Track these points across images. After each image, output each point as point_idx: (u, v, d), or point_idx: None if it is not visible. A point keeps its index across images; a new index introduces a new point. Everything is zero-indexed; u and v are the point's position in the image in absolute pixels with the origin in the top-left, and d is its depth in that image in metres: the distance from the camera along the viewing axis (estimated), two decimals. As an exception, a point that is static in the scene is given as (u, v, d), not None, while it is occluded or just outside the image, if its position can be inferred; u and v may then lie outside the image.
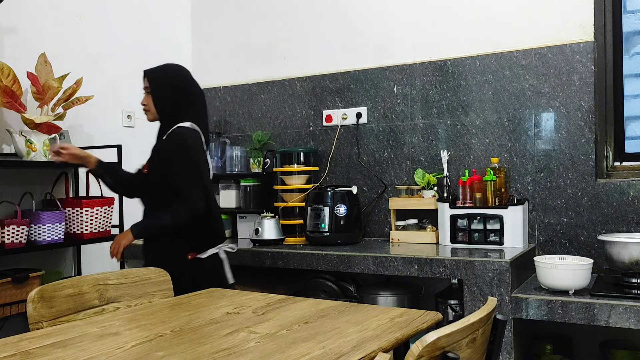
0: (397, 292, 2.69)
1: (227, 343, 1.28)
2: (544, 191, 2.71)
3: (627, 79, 2.68)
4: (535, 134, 2.73)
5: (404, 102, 3.04)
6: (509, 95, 2.79)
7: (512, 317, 2.19)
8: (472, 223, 2.62)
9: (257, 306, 1.65)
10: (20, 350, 1.25)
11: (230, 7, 3.59)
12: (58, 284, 1.63)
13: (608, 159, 2.67)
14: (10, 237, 2.38)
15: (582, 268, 2.14)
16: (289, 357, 1.17)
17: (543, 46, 2.72)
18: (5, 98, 2.41)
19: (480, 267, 2.25)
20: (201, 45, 3.68)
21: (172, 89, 2.31)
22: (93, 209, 2.67)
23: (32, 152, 2.47)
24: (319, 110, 3.28)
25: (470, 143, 2.87)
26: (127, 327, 1.45)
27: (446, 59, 2.94)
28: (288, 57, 3.39)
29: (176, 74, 2.36)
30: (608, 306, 2.03)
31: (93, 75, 2.96)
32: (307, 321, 1.46)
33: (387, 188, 3.07)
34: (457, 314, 2.48)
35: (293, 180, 3.07)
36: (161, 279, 1.90)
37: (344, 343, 1.26)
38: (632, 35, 2.68)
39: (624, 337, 2.49)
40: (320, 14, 3.29)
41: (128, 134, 3.22)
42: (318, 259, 2.60)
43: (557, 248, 2.67)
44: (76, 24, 2.96)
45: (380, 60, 3.11)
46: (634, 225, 2.53)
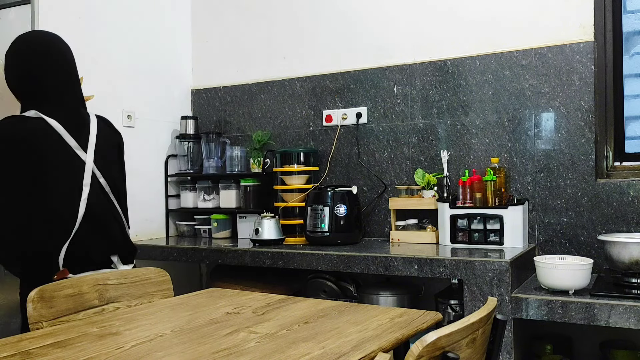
0: (397, 292, 2.70)
1: (227, 343, 1.28)
2: (544, 191, 2.71)
3: (627, 79, 2.68)
4: (535, 134, 2.73)
5: (404, 102, 3.04)
6: (509, 95, 2.79)
7: (512, 317, 2.19)
8: (472, 223, 2.62)
9: (257, 306, 1.65)
10: (20, 350, 1.25)
11: (230, 7, 3.59)
12: (58, 284, 1.63)
13: (608, 159, 2.67)
14: (10, 237, 2.37)
15: (582, 268, 2.14)
16: (289, 357, 1.17)
17: (543, 46, 2.72)
18: (5, 98, 2.41)
19: (480, 267, 2.25)
20: (201, 45, 3.68)
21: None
22: (93, 209, 2.67)
23: (32, 152, 2.46)
24: (319, 110, 3.28)
25: (470, 143, 2.87)
26: (127, 327, 1.45)
27: (446, 59, 2.94)
28: (288, 57, 3.39)
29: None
30: (608, 306, 2.03)
31: (93, 75, 2.96)
32: (307, 321, 1.46)
33: (387, 188, 3.07)
34: (457, 314, 2.48)
35: (293, 180, 3.07)
36: (161, 279, 1.90)
37: (344, 343, 1.26)
38: (632, 35, 2.68)
39: (624, 337, 2.49)
40: (320, 14, 3.29)
41: (128, 134, 3.22)
42: (318, 259, 2.60)
43: (557, 248, 2.67)
44: (76, 24, 2.96)
45: (380, 60, 3.11)
46: (634, 225, 2.53)
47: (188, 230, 3.46)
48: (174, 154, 3.50)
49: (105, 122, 2.03)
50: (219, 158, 3.40)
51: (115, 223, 1.92)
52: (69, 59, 1.96)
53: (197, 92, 3.67)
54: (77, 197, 1.79)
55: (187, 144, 3.45)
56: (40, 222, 1.75)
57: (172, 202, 3.49)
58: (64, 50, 1.94)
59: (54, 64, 1.89)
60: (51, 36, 1.94)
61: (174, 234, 3.50)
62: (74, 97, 1.95)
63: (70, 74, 1.95)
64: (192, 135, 3.46)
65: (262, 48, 3.47)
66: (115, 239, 1.91)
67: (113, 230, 1.90)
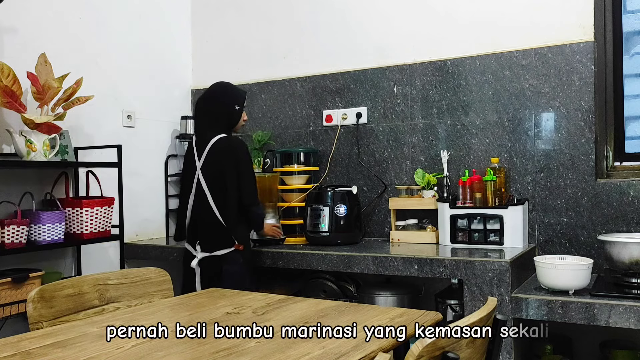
0: (397, 292, 2.69)
1: (227, 343, 1.28)
2: (544, 191, 2.71)
3: (627, 79, 2.68)
4: (535, 134, 2.73)
5: (404, 102, 3.04)
6: (509, 95, 2.79)
7: (512, 317, 2.19)
8: (472, 223, 2.62)
9: (257, 306, 1.65)
10: (20, 350, 1.25)
11: (230, 7, 3.59)
12: (58, 284, 1.63)
13: (608, 159, 2.67)
14: (10, 237, 2.37)
15: (582, 268, 2.14)
16: (289, 357, 1.17)
17: (543, 46, 2.72)
18: (5, 98, 2.41)
19: (480, 267, 2.25)
20: (201, 45, 3.68)
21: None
22: (93, 209, 2.67)
23: (32, 152, 2.47)
24: (319, 110, 3.28)
25: (470, 143, 2.87)
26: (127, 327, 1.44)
27: (446, 59, 2.93)
28: (288, 57, 3.39)
29: None
30: (608, 306, 2.03)
31: (93, 75, 2.96)
32: (307, 321, 1.46)
33: (387, 188, 3.07)
34: (457, 314, 2.48)
35: (293, 180, 3.07)
36: (161, 279, 1.89)
37: (344, 343, 1.26)
38: (632, 35, 2.68)
39: (624, 337, 2.49)
40: (320, 14, 3.29)
41: (128, 134, 3.22)
42: (318, 259, 2.60)
43: (557, 248, 2.67)
44: (76, 24, 2.96)
45: (380, 60, 3.11)
46: (634, 225, 2.53)
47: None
48: (174, 154, 3.50)
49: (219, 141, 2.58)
50: (219, 158, 3.39)
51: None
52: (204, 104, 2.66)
53: (197, 92, 3.67)
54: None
55: (187, 144, 3.44)
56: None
57: (172, 202, 3.49)
58: (205, 95, 2.67)
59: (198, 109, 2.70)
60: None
61: (174, 234, 3.49)
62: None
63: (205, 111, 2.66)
64: (192, 135, 3.46)
65: (262, 48, 3.47)
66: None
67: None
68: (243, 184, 2.52)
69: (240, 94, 2.67)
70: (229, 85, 2.70)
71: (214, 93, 2.66)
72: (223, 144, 2.54)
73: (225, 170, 2.51)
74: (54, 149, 2.54)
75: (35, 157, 2.47)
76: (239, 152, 2.54)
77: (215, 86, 2.69)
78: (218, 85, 2.69)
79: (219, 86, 2.69)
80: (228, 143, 2.54)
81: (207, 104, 2.63)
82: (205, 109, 2.63)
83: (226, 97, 2.64)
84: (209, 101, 2.64)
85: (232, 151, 2.53)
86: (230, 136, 2.59)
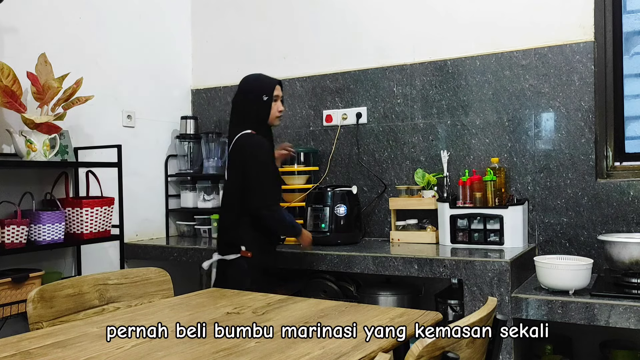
0: (397, 292, 2.70)
1: (227, 343, 1.28)
2: (544, 191, 2.71)
3: (627, 79, 2.68)
4: (535, 134, 2.73)
5: (404, 102, 3.04)
6: (509, 95, 2.79)
7: (512, 317, 2.19)
8: (472, 223, 2.62)
9: (257, 306, 1.65)
10: (20, 350, 1.25)
11: (230, 7, 3.59)
12: (58, 284, 1.63)
13: (608, 159, 2.67)
14: (10, 237, 2.38)
15: (582, 268, 2.14)
16: (289, 357, 1.17)
17: (543, 46, 2.72)
18: (5, 98, 2.41)
19: (480, 267, 2.25)
20: (201, 45, 3.68)
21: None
22: (93, 209, 2.67)
23: (32, 152, 2.47)
24: (319, 110, 3.28)
25: (470, 143, 2.87)
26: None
27: (446, 59, 2.94)
28: (288, 57, 3.39)
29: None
30: (608, 306, 2.03)
31: (93, 75, 2.96)
32: (307, 321, 1.46)
33: (387, 188, 3.07)
34: (457, 314, 2.48)
35: (293, 180, 3.07)
36: (161, 279, 1.89)
37: (344, 343, 1.26)
38: (632, 35, 2.68)
39: (624, 337, 2.49)
40: (320, 14, 3.29)
41: (128, 134, 3.22)
42: (318, 259, 2.60)
43: (557, 248, 2.67)
44: (76, 24, 2.96)
45: (380, 60, 3.11)
46: (634, 225, 2.53)
47: (188, 230, 3.46)
48: (174, 154, 3.50)
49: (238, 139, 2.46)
50: (219, 158, 3.39)
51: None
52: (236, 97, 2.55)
53: (197, 92, 3.67)
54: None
55: (187, 144, 3.45)
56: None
57: (172, 202, 3.49)
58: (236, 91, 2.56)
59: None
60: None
61: (174, 234, 3.50)
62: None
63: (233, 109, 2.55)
64: (192, 135, 3.46)
65: (262, 48, 3.47)
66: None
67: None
68: (250, 186, 2.35)
69: (266, 83, 2.48)
70: (255, 76, 2.54)
71: (239, 87, 2.52)
72: (238, 142, 2.41)
73: (233, 171, 2.42)
74: (54, 149, 2.54)
75: (35, 157, 2.48)
76: (246, 151, 2.37)
77: (242, 80, 2.55)
78: (244, 79, 2.54)
79: (244, 79, 2.54)
80: (241, 141, 2.40)
81: (234, 99, 2.53)
82: (233, 104, 2.53)
83: (251, 88, 2.48)
84: (235, 96, 2.52)
85: (240, 150, 2.39)
86: (246, 134, 2.41)
